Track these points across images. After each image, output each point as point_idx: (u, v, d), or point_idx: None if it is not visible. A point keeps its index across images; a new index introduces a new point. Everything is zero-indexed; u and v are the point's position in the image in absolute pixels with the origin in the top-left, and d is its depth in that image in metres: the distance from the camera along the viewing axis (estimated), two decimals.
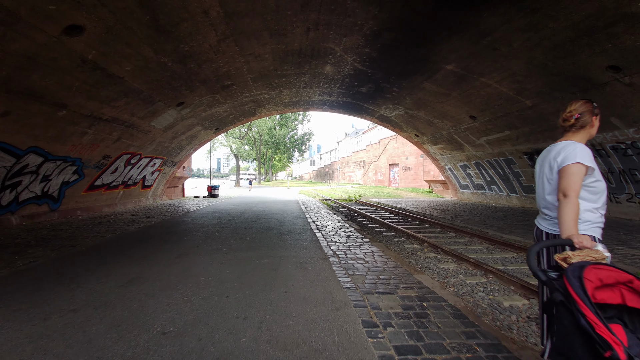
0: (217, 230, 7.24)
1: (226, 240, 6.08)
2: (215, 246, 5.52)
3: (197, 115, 12.71)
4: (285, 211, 11.50)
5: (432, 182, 22.24)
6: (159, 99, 9.68)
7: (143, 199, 14.85)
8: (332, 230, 7.22)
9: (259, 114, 16.70)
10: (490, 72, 9.15)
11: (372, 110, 16.01)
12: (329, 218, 9.43)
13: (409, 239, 6.97)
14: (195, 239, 6.23)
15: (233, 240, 6.00)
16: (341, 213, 12.28)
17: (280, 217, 9.75)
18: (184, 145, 15.31)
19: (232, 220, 9.04)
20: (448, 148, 16.29)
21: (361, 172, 48.38)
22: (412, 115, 14.96)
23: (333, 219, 9.28)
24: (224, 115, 14.42)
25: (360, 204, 16.73)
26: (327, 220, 8.99)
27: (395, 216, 11.39)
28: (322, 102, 15.69)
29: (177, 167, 16.95)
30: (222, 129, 17.04)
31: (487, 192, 15.86)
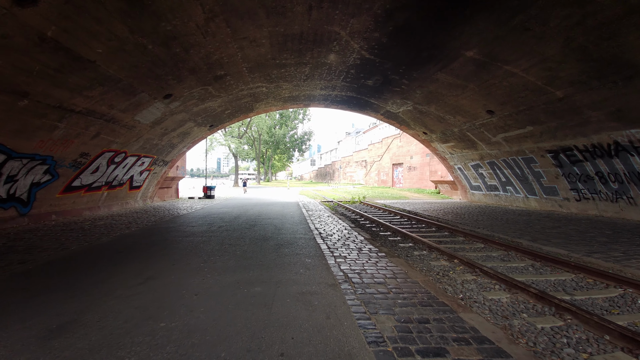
0: (204, 240, 6.14)
1: (212, 254, 4.98)
2: (196, 264, 4.43)
3: (189, 110, 11.61)
4: (285, 215, 10.41)
5: (440, 182, 21.14)
6: (142, 90, 8.58)
7: (131, 201, 13.76)
8: (339, 240, 6.13)
9: (257, 109, 15.60)
10: (517, 59, 8.05)
11: (377, 106, 14.92)
12: (333, 224, 8.33)
13: (432, 251, 5.87)
14: (175, 252, 5.14)
15: (220, 256, 4.91)
16: (346, 217, 11.19)
17: (278, 222, 8.66)
18: (176, 143, 14.22)
19: (223, 226, 7.95)
20: (459, 146, 15.19)
21: (363, 172, 47.27)
22: (421, 111, 13.87)
23: (338, 225, 8.18)
24: (218, 110, 13.33)
25: (365, 206, 15.65)
26: (331, 226, 7.89)
27: (407, 221, 10.29)
28: (325, 97, 14.60)
29: (169, 166, 15.86)
30: (217, 126, 15.95)
31: (501, 193, 14.76)
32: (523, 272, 4.80)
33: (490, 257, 5.55)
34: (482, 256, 5.61)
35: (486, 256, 5.62)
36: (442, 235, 7.62)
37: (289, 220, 9.01)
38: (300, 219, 9.33)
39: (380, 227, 8.83)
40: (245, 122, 45.37)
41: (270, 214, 10.74)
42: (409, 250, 6.09)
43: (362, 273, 4.02)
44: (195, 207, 13.60)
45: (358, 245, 5.61)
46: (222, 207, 13.82)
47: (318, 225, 8.01)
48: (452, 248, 6.14)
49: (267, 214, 10.94)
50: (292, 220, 9.16)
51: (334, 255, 4.91)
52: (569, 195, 11.24)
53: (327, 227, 7.73)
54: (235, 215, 10.59)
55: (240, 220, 9.05)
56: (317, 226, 7.90)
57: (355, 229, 7.61)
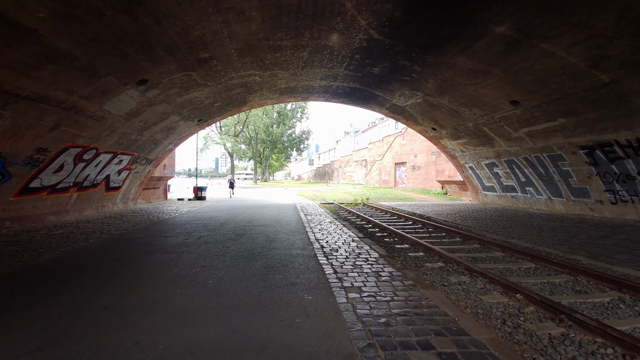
0: (172, 259, 4.73)
1: (173, 284, 3.58)
2: (139, 305, 3.03)
3: (171, 101, 10.18)
4: (280, 221, 9.01)
5: (447, 182, 19.80)
6: (107, 72, 7.15)
7: (109, 204, 12.31)
8: (348, 257, 4.74)
9: (250, 102, 14.18)
10: (559, 34, 6.69)
11: (383, 99, 13.55)
12: (337, 233, 6.94)
13: (474, 277, 4.42)
14: (121, 282, 3.73)
15: (184, 287, 3.51)
16: (351, 223, 9.78)
17: (271, 231, 7.25)
18: (160, 140, 12.78)
19: (204, 237, 6.54)
20: (472, 143, 13.84)
21: (363, 172, 45.91)
22: (432, 104, 12.50)
23: (343, 234, 6.79)
24: (206, 102, 11.90)
25: (370, 209, 14.26)
26: (335, 236, 6.50)
27: (423, 228, 8.87)
28: (325, 88, 13.20)
29: (154, 165, 14.41)
30: (207, 121, 14.51)
31: (519, 195, 13.42)
32: (618, 310, 3.42)
33: (557, 287, 4.04)
34: (545, 284, 4.14)
35: (550, 284, 4.15)
36: (473, 249, 6.20)
37: (284, 228, 7.61)
38: (297, 226, 7.93)
39: (394, 237, 7.41)
40: (242, 120, 43.94)
41: (263, 220, 9.33)
42: (442, 274, 4.60)
43: (391, 323, 2.63)
44: (180, 211, 12.17)
45: (374, 268, 4.22)
46: (211, 210, 12.40)
47: (319, 235, 6.61)
48: (497, 270, 4.72)
49: (260, 219, 9.53)
50: (288, 228, 7.76)
51: (344, 286, 3.50)
52: (603, 197, 9.90)
53: (331, 238, 6.33)
54: (223, 220, 9.18)
55: (227, 228, 7.64)
56: (318, 236, 6.50)
57: (365, 239, 6.22)
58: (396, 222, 9.91)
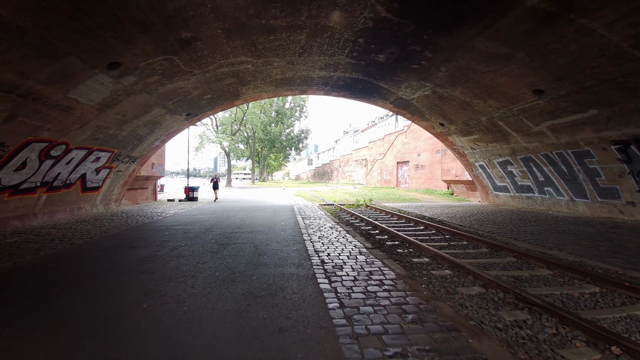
0: (126, 282, 3.64)
1: (96, 338, 2.47)
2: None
3: (152, 91, 9.07)
4: (274, 226, 7.92)
5: (454, 182, 18.73)
6: (68, 51, 6.04)
7: (87, 205, 11.18)
8: (357, 279, 3.67)
9: (244, 96, 13.06)
10: (601, 6, 5.63)
11: (387, 91, 12.47)
12: (340, 241, 5.87)
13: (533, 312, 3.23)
14: (21, 328, 2.62)
15: (117, 342, 2.40)
16: (355, 229, 8.69)
17: (262, 240, 6.17)
18: (144, 135, 11.66)
19: (180, 247, 5.44)
20: (484, 140, 12.78)
21: (363, 172, 44.84)
22: (442, 96, 11.43)
23: (348, 243, 5.71)
24: (194, 94, 10.79)
25: (374, 211, 13.18)
26: (339, 247, 5.42)
27: (438, 235, 7.74)
28: (325, 80, 12.10)
29: (139, 163, 13.29)
30: (197, 116, 13.39)
31: (536, 195, 12.36)
32: None
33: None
34: (633, 322, 3.06)
35: (631, 318, 3.06)
36: (510, 265, 4.95)
37: (277, 236, 6.51)
38: (293, 233, 6.84)
39: (409, 247, 6.25)
40: (239, 119, 42.80)
41: (255, 224, 8.24)
42: (487, 306, 3.40)
43: None
44: (166, 213, 11.06)
45: (394, 297, 3.13)
46: (199, 212, 11.30)
47: (319, 245, 5.52)
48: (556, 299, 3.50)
49: (251, 223, 8.44)
50: (283, 235, 6.67)
51: (356, 333, 2.40)
52: (636, 198, 8.85)
53: (333, 249, 5.24)
54: (209, 225, 8.08)
55: (210, 236, 6.53)
56: (317, 247, 5.41)
57: (374, 250, 5.14)
58: (406, 227, 8.82)
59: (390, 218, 10.72)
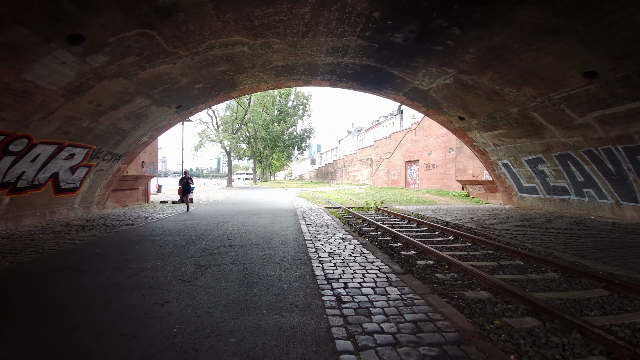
0: (34, 346, 2.29)
1: None
2: None
3: (130, 75, 7.74)
4: (272, 237, 6.55)
5: (471, 183, 17.26)
6: (14, 17, 4.72)
7: (62, 209, 9.88)
8: (400, 342, 2.28)
9: (241, 87, 11.69)
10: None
11: (401, 81, 11.07)
12: (358, 261, 4.50)
13: None
14: None
15: None
16: (372, 240, 7.24)
17: (256, 258, 4.80)
18: (127, 129, 10.34)
19: (144, 270, 4.09)
20: (512, 135, 11.33)
21: (368, 172, 43.38)
22: (466, 85, 9.99)
23: (368, 264, 4.34)
24: (183, 82, 9.44)
25: (388, 215, 11.76)
26: (358, 271, 4.06)
27: (477, 249, 6.22)
28: (331, 68, 10.70)
29: (124, 162, 11.98)
30: (190, 109, 12.04)
31: (572, 198, 10.89)
32: None
33: None
34: None
35: None
36: (610, 303, 3.43)
37: (276, 252, 5.14)
38: (296, 248, 5.46)
39: (452, 272, 4.62)
40: (240, 117, 41.55)
41: (250, 234, 6.87)
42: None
43: None
44: (152, 218, 9.74)
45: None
46: (189, 218, 9.95)
47: (331, 269, 4.14)
48: None
49: (246, 233, 7.07)
50: (283, 250, 5.29)
51: None
52: None
53: (351, 276, 3.87)
54: (194, 235, 6.72)
55: (191, 252, 5.17)
56: (329, 271, 4.04)
57: (407, 277, 3.76)
58: (432, 238, 7.39)
59: (409, 225, 9.29)
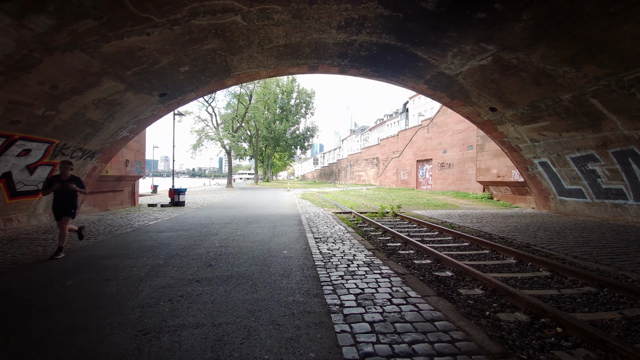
0: None
1: None
2: None
3: (90, 47, 6.06)
4: (269, 261, 4.84)
5: (495, 184, 15.46)
6: None
7: (20, 216, 8.22)
8: None
9: (237, 72, 9.96)
10: None
11: (425, 64, 9.34)
12: (408, 317, 2.85)
13: None
14: None
15: None
16: (408, 264, 5.39)
17: (241, 311, 3.13)
18: (99, 121, 8.67)
19: (41, 342, 2.39)
20: (558, 127, 9.56)
21: (374, 171, 41.58)
22: (507, 66, 8.24)
23: (427, 325, 2.64)
24: (164, 62, 7.77)
25: (410, 223, 10.00)
26: (415, 340, 2.37)
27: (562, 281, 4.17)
28: (343, 48, 8.98)
29: (102, 159, 10.32)
30: (177, 98, 10.34)
31: (630, 203, 9.10)
32: None
33: None
34: None
35: None
36: None
37: (275, 293, 3.45)
38: (305, 281, 3.76)
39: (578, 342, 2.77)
40: (240, 115, 39.90)
41: (242, 255, 5.16)
42: None
43: None
44: (127, 228, 8.06)
45: None
46: (171, 227, 8.27)
47: (365, 334, 2.46)
48: None
49: (236, 252, 5.37)
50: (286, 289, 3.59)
51: None
52: None
53: (405, 349, 2.15)
54: (167, 256, 5.03)
55: (148, 290, 3.50)
56: (362, 341, 2.33)
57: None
58: (484, 259, 5.60)
59: (443, 238, 7.50)
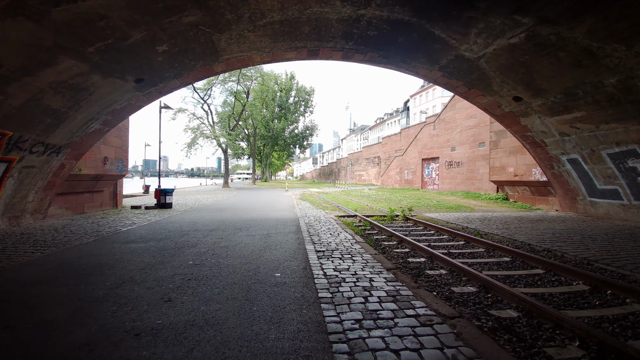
0: None
1: None
2: None
3: (35, 12, 4.79)
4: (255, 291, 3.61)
5: (512, 184, 14.22)
6: None
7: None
8: None
9: (226, 55, 8.67)
10: None
11: (442, 45, 8.10)
12: None
13: None
14: None
15: None
16: (447, 296, 3.95)
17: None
18: (61, 109, 7.38)
19: None
20: (596, 118, 8.32)
21: (375, 170, 40.33)
22: (543, 44, 7.00)
23: None
24: (134, 36, 6.48)
25: (424, 229, 8.74)
26: None
27: None
28: (348, 27, 7.73)
29: (70, 155, 9.03)
30: (157, 86, 9.03)
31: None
32: None
33: None
34: None
35: None
36: None
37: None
38: (305, 335, 2.47)
39: None
40: (238, 112, 38.60)
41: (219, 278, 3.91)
42: None
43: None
44: (91, 237, 6.79)
45: None
46: (148, 234, 6.99)
47: None
48: None
49: (213, 274, 4.11)
50: (274, 352, 2.31)
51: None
52: None
53: None
54: (118, 281, 3.80)
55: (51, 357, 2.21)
56: None
57: None
58: (547, 285, 4.28)
59: (476, 250, 6.18)
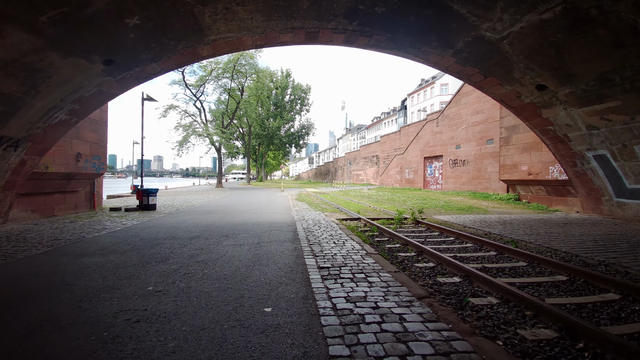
0: None
1: None
2: None
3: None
4: (232, 340, 2.58)
5: (525, 183, 13.24)
6: None
7: None
8: None
9: (212, 35, 7.54)
10: None
11: (461, 24, 7.05)
12: None
13: None
14: None
15: None
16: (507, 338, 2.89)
17: None
18: (15, 94, 6.20)
19: None
20: (632, 108, 7.34)
21: (374, 170, 39.33)
22: (580, 19, 6.00)
23: None
24: (97, 4, 5.33)
25: (441, 234, 7.68)
26: None
27: None
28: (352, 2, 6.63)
29: (32, 151, 7.84)
30: (131, 70, 7.86)
31: None
32: None
33: None
34: None
35: None
36: None
37: None
38: None
39: None
40: (232, 109, 37.35)
41: (181, 321, 2.81)
42: None
43: None
44: (46, 246, 5.63)
45: None
46: (113, 244, 5.84)
47: None
48: None
49: (175, 310, 3.00)
50: None
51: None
52: None
53: None
54: (22, 331, 2.65)
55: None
56: None
57: None
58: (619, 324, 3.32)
59: (516, 264, 5.11)
